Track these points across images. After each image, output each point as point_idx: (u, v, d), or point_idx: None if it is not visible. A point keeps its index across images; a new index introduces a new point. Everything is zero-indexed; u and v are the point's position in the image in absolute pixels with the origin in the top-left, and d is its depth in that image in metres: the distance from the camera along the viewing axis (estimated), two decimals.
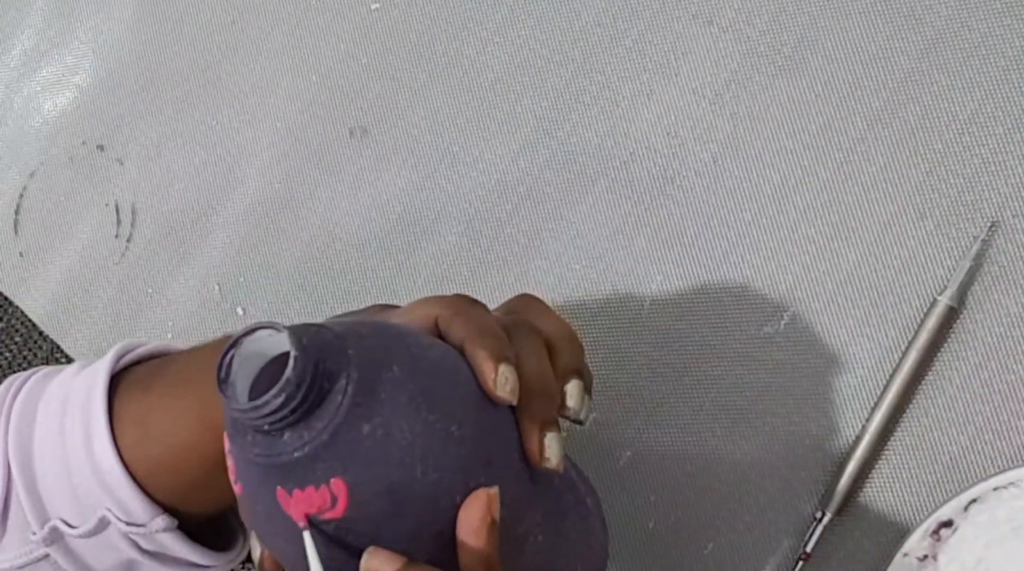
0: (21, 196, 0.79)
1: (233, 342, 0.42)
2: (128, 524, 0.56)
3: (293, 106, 0.74)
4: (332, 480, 0.41)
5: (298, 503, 0.42)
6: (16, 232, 0.78)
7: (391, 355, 0.44)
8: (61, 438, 0.57)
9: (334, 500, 0.42)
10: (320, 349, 0.41)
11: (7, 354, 0.77)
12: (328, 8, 0.74)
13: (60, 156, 0.78)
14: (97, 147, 0.78)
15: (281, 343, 0.42)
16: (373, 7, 0.73)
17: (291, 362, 0.40)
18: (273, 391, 0.40)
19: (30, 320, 0.77)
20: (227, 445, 0.45)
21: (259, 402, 0.40)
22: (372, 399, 0.42)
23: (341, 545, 0.43)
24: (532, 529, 0.48)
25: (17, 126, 0.79)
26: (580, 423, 0.52)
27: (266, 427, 0.41)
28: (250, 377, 0.43)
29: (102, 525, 0.56)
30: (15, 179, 0.79)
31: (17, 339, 0.77)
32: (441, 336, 0.49)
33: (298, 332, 0.41)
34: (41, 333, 0.77)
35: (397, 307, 0.57)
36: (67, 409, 0.57)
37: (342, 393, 0.41)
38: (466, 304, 0.50)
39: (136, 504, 0.56)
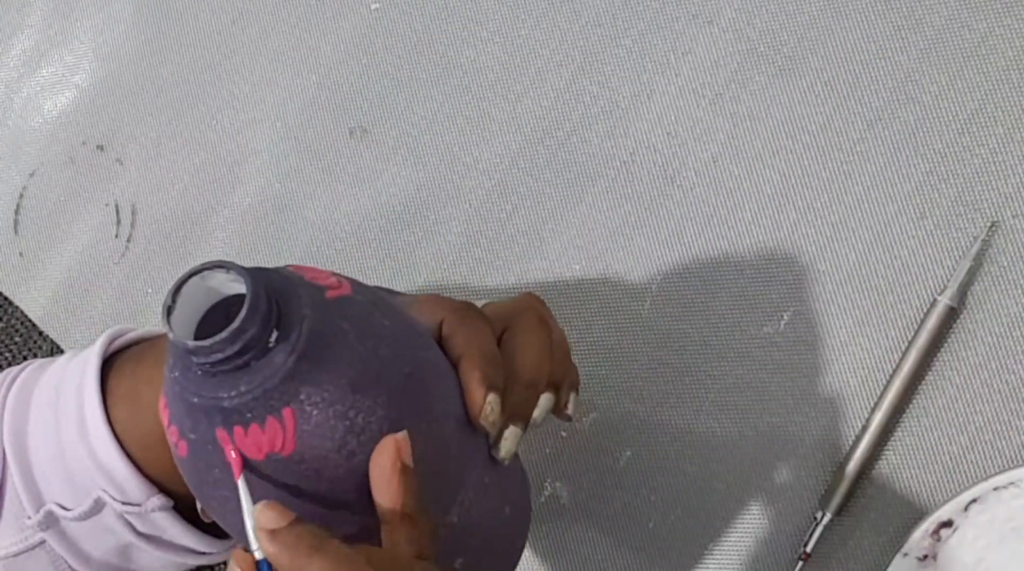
0: (21, 196, 0.79)
1: (184, 277, 0.41)
2: (123, 504, 0.56)
3: (293, 106, 0.74)
4: (269, 420, 0.41)
5: (241, 444, 0.41)
6: (16, 232, 0.78)
7: (358, 319, 0.43)
8: (55, 422, 0.57)
9: (281, 437, 0.41)
10: (274, 296, 0.41)
11: (7, 354, 0.77)
12: (328, 8, 0.74)
13: (60, 156, 0.78)
14: (97, 147, 0.78)
15: (236, 285, 0.41)
16: (373, 7, 0.73)
17: (244, 307, 0.39)
18: (223, 334, 0.39)
19: (30, 320, 0.77)
20: (165, 387, 0.43)
21: (203, 343, 0.39)
22: (318, 364, 0.41)
23: (284, 486, 0.42)
24: (468, 487, 0.48)
25: (17, 126, 0.79)
26: (569, 419, 0.54)
27: (209, 368, 0.40)
28: (199, 314, 0.42)
29: (97, 507, 0.57)
30: (15, 179, 0.79)
31: (17, 339, 0.77)
32: (440, 341, 0.50)
33: (256, 275, 0.40)
34: (41, 333, 0.77)
35: (402, 294, 0.58)
36: (60, 394, 0.58)
37: (289, 349, 0.40)
38: (473, 316, 0.51)
39: (131, 482, 0.56)
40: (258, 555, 0.41)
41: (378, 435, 0.42)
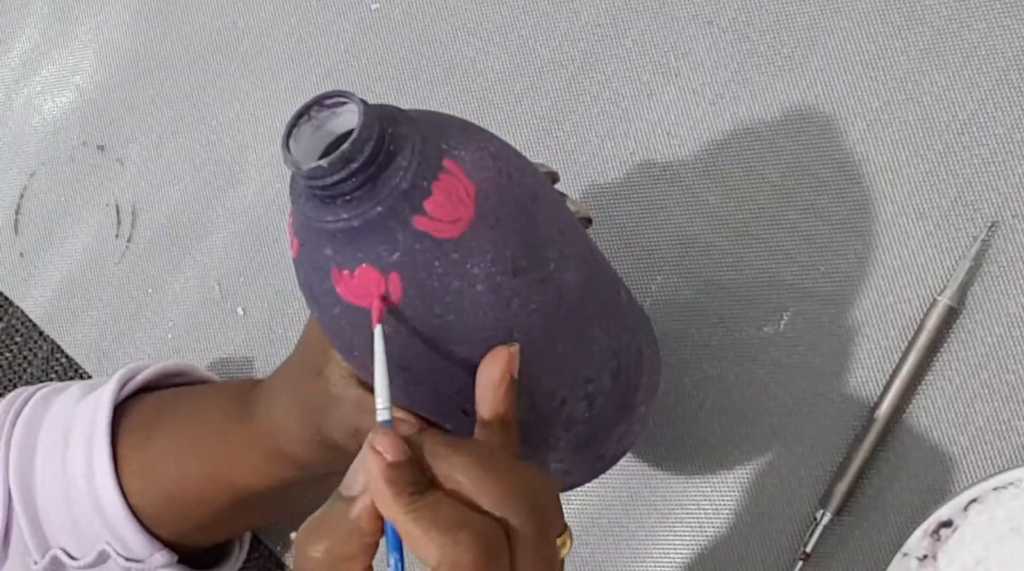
0: (21, 196, 0.79)
1: (304, 108, 0.44)
2: (127, 559, 0.56)
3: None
4: (377, 267, 0.41)
5: (350, 284, 0.42)
6: (16, 232, 0.78)
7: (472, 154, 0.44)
8: (63, 470, 0.57)
9: (386, 290, 0.41)
10: (385, 127, 0.42)
11: (7, 354, 0.77)
12: (328, 8, 0.74)
13: (60, 156, 0.78)
14: (97, 147, 0.78)
15: (352, 119, 0.42)
16: (373, 7, 0.73)
17: (352, 136, 0.41)
18: (330, 158, 0.41)
19: (30, 320, 0.77)
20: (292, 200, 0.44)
21: (313, 165, 0.41)
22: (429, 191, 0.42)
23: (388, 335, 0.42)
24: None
25: (17, 126, 0.79)
26: None
27: (320, 193, 0.41)
28: (324, 142, 0.44)
29: (102, 558, 0.56)
30: (15, 179, 0.79)
31: (17, 339, 0.77)
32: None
33: (371, 109, 0.42)
34: (41, 333, 0.77)
35: None
36: (69, 441, 0.57)
37: (400, 175, 0.41)
38: None
39: (136, 541, 0.56)
40: (382, 416, 0.41)
41: (477, 303, 0.42)
